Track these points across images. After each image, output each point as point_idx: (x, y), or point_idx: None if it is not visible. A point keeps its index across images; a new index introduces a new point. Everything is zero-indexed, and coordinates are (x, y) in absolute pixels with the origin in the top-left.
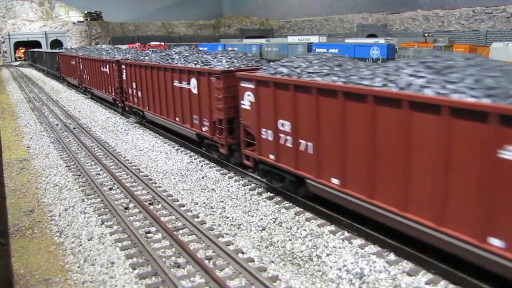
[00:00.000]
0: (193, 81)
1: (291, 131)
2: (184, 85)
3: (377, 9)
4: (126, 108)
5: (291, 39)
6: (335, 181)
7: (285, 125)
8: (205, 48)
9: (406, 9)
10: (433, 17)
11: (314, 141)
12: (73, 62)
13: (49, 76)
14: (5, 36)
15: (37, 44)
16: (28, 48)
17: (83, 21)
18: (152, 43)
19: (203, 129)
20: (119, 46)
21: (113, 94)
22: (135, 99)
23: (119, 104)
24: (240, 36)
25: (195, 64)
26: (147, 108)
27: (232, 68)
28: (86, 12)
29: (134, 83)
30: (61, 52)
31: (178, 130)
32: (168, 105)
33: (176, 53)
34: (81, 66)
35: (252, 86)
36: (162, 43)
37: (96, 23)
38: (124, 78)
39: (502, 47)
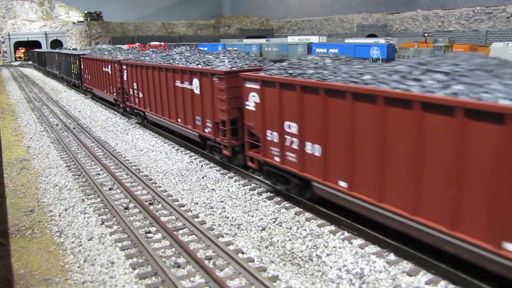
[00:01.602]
0: None
1: None
2: None
3: (377, 9)
4: (264, 169)
5: (291, 39)
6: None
7: None
8: (205, 48)
9: (406, 9)
10: (433, 17)
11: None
12: (108, 69)
13: (49, 76)
14: (5, 36)
15: (37, 44)
16: (31, 48)
17: (83, 21)
18: (152, 43)
19: None
20: (121, 46)
21: (208, 131)
22: (282, 150)
23: (223, 151)
24: (240, 36)
25: None
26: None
27: None
28: (86, 12)
29: (291, 126)
30: (84, 54)
31: None
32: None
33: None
34: (125, 76)
35: None
36: (162, 43)
37: (96, 23)
38: (252, 107)
39: (502, 47)
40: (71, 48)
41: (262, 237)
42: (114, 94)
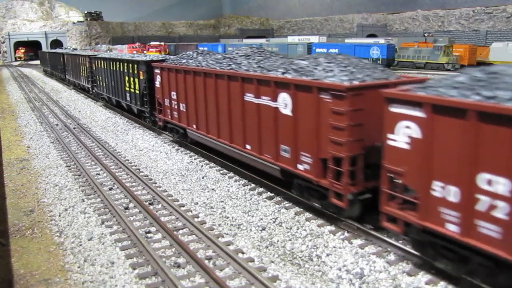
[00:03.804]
0: None
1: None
2: None
3: (377, 9)
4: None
5: (291, 39)
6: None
7: None
8: (205, 48)
9: (406, 9)
10: (433, 17)
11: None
12: (273, 102)
13: (49, 76)
14: (5, 36)
15: (37, 44)
16: (35, 48)
17: (83, 21)
18: (152, 43)
19: None
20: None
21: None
22: None
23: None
24: (240, 36)
25: None
26: None
27: None
28: (86, 12)
29: None
30: (161, 60)
31: None
32: None
33: None
34: (407, 140)
35: None
36: (162, 43)
37: (96, 23)
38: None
39: (502, 47)
40: (71, 48)
41: (262, 237)
42: (304, 167)
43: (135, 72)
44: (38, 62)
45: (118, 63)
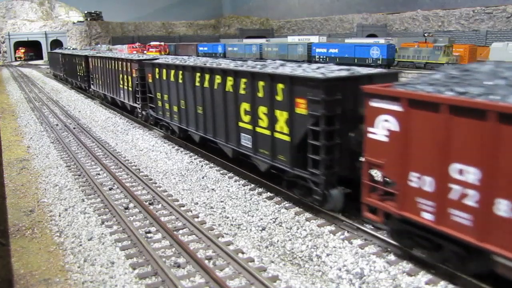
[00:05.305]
0: None
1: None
2: None
3: (377, 9)
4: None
5: (291, 39)
6: None
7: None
8: (205, 48)
9: (406, 9)
10: (433, 17)
11: None
12: None
13: (50, 77)
14: (5, 36)
15: (37, 44)
16: (38, 49)
17: (83, 21)
18: (152, 43)
19: None
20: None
21: None
22: None
23: None
24: (240, 36)
25: None
26: None
27: None
28: (86, 12)
29: None
30: (410, 85)
31: None
32: None
33: None
34: None
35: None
36: (162, 43)
37: (96, 23)
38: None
39: (502, 47)
40: (71, 49)
41: (262, 237)
42: None
43: (284, 98)
44: (38, 62)
45: (221, 76)
